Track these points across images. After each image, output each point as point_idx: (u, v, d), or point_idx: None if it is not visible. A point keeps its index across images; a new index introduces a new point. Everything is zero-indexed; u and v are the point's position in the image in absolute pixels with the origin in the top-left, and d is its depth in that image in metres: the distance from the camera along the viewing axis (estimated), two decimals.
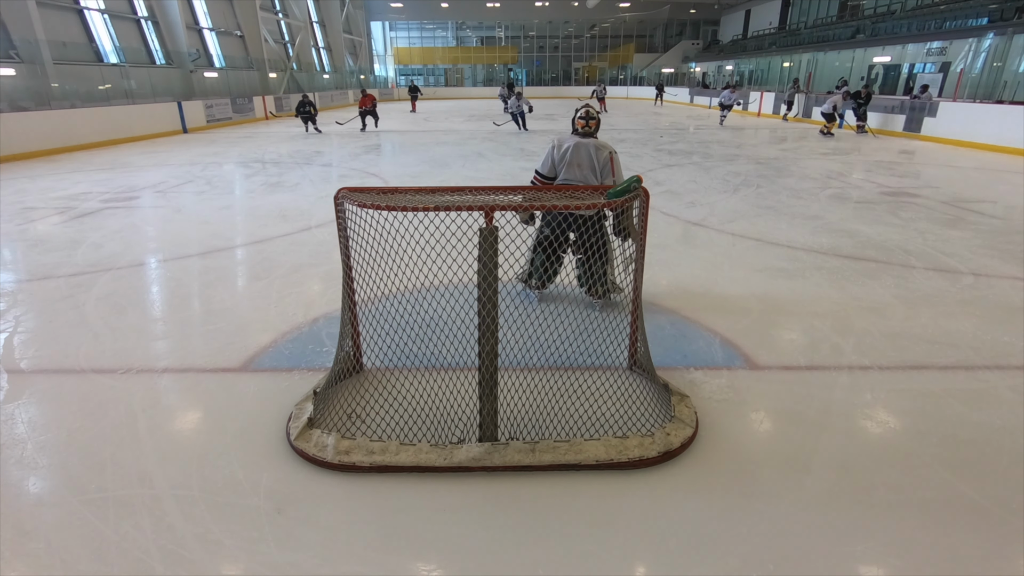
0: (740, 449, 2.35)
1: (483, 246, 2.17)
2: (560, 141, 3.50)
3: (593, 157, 3.42)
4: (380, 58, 42.30)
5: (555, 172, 3.51)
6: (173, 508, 2.02)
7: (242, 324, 3.57)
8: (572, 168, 3.44)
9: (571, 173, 3.45)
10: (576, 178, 3.44)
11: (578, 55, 42.56)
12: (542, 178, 3.56)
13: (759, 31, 33.32)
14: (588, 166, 3.41)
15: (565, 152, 3.45)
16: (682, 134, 14.62)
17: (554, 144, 3.50)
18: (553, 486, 2.14)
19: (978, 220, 5.96)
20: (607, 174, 3.42)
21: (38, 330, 3.50)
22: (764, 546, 1.86)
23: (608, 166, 3.42)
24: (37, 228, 5.87)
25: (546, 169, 3.52)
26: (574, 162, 3.43)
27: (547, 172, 3.52)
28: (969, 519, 1.97)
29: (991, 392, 2.75)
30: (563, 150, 3.46)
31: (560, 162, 3.47)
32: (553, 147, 3.49)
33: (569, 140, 3.49)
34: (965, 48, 16.12)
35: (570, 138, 3.51)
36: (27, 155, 10.74)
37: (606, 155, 3.42)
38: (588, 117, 3.51)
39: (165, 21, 18.20)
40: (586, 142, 3.45)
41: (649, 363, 2.76)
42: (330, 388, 2.69)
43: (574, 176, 3.45)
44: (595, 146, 3.44)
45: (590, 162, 3.41)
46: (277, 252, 5.01)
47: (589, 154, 3.42)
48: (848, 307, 3.73)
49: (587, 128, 3.50)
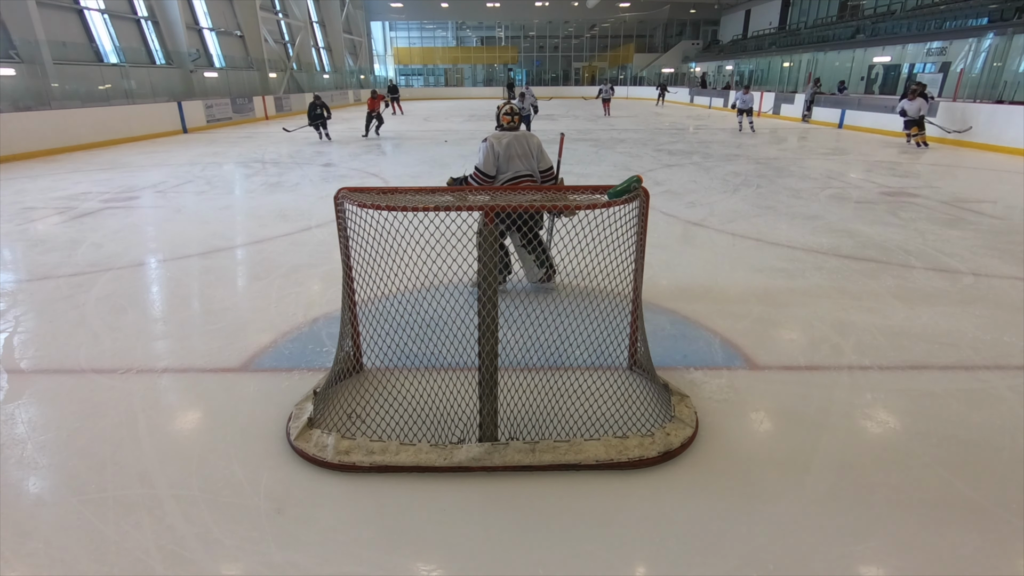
0: (740, 449, 2.35)
1: (483, 246, 2.17)
2: (496, 139, 3.71)
3: (528, 145, 3.74)
4: (380, 58, 42.30)
5: (497, 168, 3.71)
6: (173, 508, 2.02)
7: (242, 324, 3.57)
8: (515, 160, 3.69)
9: (517, 164, 3.70)
10: (524, 168, 3.71)
11: (578, 55, 42.57)
12: (483, 176, 3.71)
13: (759, 31, 33.31)
14: (527, 154, 3.73)
15: (506, 147, 3.68)
16: (682, 134, 14.62)
17: (491, 143, 3.69)
18: (553, 486, 2.14)
19: (978, 220, 5.96)
20: (542, 157, 3.79)
21: (38, 330, 3.50)
22: (764, 546, 1.86)
23: (539, 150, 3.79)
24: (37, 228, 5.87)
25: (488, 167, 3.70)
26: (515, 154, 3.69)
27: (489, 170, 3.70)
28: (969, 519, 1.97)
29: (991, 392, 2.75)
30: (504, 145, 3.68)
31: (504, 158, 3.69)
32: (491, 146, 3.68)
33: (504, 136, 3.72)
34: (965, 48, 16.11)
35: (504, 135, 3.74)
36: (27, 155, 10.74)
37: (536, 141, 3.80)
38: (512, 113, 3.84)
39: (165, 21, 18.20)
40: (517, 135, 3.75)
41: (649, 363, 2.76)
42: (330, 388, 2.69)
43: (521, 167, 3.70)
44: (525, 136, 3.78)
45: (527, 150, 3.73)
46: (277, 252, 5.01)
47: (524, 144, 3.74)
48: (848, 307, 3.73)
49: (512, 123, 3.81)
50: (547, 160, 3.81)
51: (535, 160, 3.76)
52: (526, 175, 3.69)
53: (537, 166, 3.76)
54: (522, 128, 3.90)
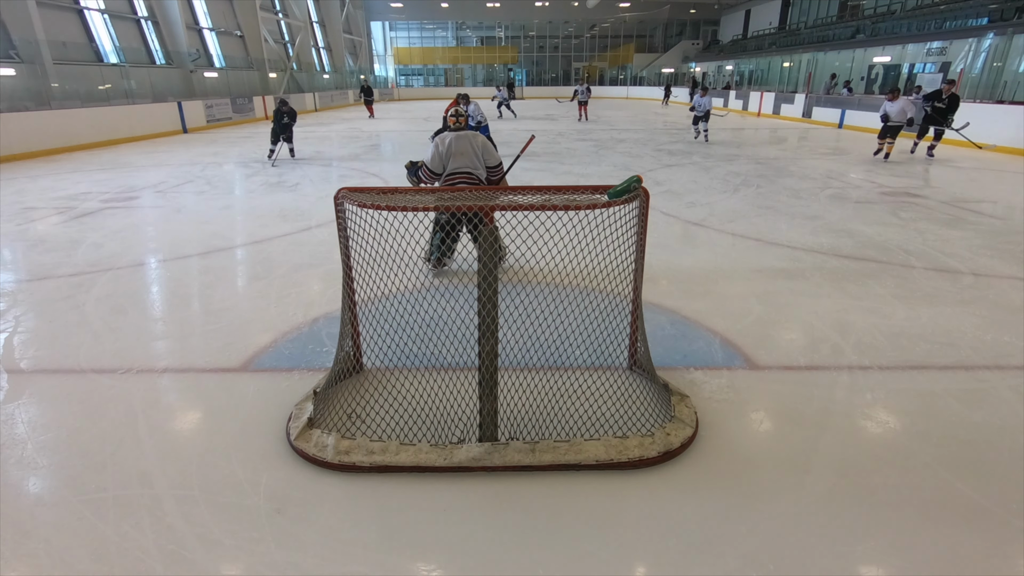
0: (740, 449, 2.35)
1: (483, 246, 2.16)
2: (441, 139, 4.07)
3: (471, 143, 4.07)
4: (380, 58, 42.29)
5: (443, 166, 4.06)
6: (173, 508, 2.02)
7: (242, 324, 3.57)
8: (458, 157, 4.03)
9: (460, 162, 4.04)
10: (465, 165, 4.04)
11: (578, 55, 42.54)
12: (431, 171, 4.09)
13: (759, 31, 33.32)
14: (471, 152, 4.06)
15: (449, 146, 4.03)
16: (682, 134, 14.62)
17: (436, 143, 4.07)
18: (553, 486, 2.14)
19: (978, 220, 5.96)
20: (487, 154, 4.12)
21: (38, 330, 3.50)
22: (764, 546, 1.86)
23: (486, 147, 4.13)
24: (37, 228, 5.87)
25: (435, 164, 4.07)
26: (458, 152, 4.03)
27: (435, 167, 4.07)
28: (969, 519, 1.97)
29: (991, 392, 2.75)
30: (447, 145, 4.03)
31: (446, 155, 4.03)
32: (436, 146, 4.06)
33: (448, 136, 4.07)
34: (965, 48, 16.11)
35: (448, 134, 4.10)
36: (27, 155, 10.74)
37: (480, 140, 4.12)
38: (458, 115, 4.23)
39: (165, 21, 18.20)
40: (460, 135, 4.08)
41: (649, 363, 2.76)
42: (330, 388, 2.69)
43: (462, 164, 4.04)
44: (469, 136, 4.10)
45: (471, 148, 4.06)
46: (277, 252, 5.01)
47: (469, 142, 4.06)
48: (848, 307, 3.73)
49: (458, 124, 4.20)
50: (494, 157, 4.15)
51: (479, 156, 4.08)
52: (465, 172, 4.04)
53: (482, 163, 4.10)
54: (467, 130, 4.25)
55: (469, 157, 4.05)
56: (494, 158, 4.15)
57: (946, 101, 9.63)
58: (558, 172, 9.09)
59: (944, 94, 9.61)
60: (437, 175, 4.09)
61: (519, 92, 32.67)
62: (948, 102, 9.63)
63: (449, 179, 4.04)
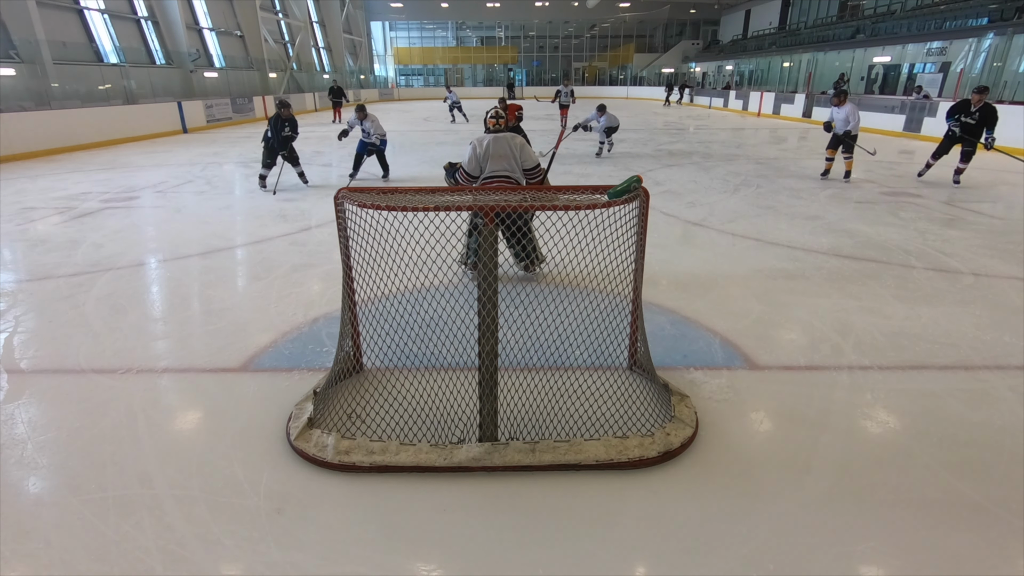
0: (740, 449, 2.35)
1: (483, 246, 2.17)
2: (479, 141, 4.01)
3: (510, 145, 3.99)
4: (380, 58, 42.28)
5: (480, 168, 3.99)
6: (173, 508, 2.02)
7: (242, 324, 3.57)
8: (497, 160, 3.95)
9: (498, 164, 3.96)
10: (503, 168, 3.96)
11: (578, 55, 42.55)
12: (468, 175, 4.03)
13: (759, 31, 33.33)
14: (509, 155, 3.98)
15: (487, 148, 3.96)
16: (682, 134, 14.61)
17: (474, 146, 4.00)
18: (553, 486, 2.14)
19: (978, 220, 5.96)
20: (525, 155, 4.03)
21: (38, 330, 3.50)
22: (764, 546, 1.86)
23: (524, 149, 4.04)
24: (37, 228, 5.87)
25: (472, 167, 3.99)
26: (497, 154, 3.95)
27: (472, 170, 4.00)
28: (969, 519, 1.97)
29: (991, 392, 2.75)
30: (484, 147, 3.96)
31: (484, 158, 3.96)
32: (473, 148, 3.99)
33: (487, 138, 4.02)
34: (965, 48, 16.11)
35: (485, 137, 4.05)
36: (27, 155, 10.74)
37: (519, 141, 4.04)
38: (498, 117, 4.18)
39: (165, 21, 18.20)
40: (498, 136, 4.02)
41: (649, 363, 2.76)
42: (330, 388, 2.69)
43: (501, 167, 3.96)
44: (507, 138, 4.03)
45: (509, 151, 3.98)
46: (277, 252, 5.01)
47: (507, 144, 3.98)
48: (848, 307, 3.73)
49: (498, 126, 4.14)
50: (531, 159, 4.05)
51: (517, 158, 4.00)
52: (503, 174, 3.95)
53: (520, 165, 4.02)
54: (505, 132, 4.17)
55: (507, 160, 3.97)
56: (531, 160, 4.05)
57: (976, 115, 7.42)
58: (558, 172, 9.09)
59: (974, 106, 7.40)
60: (474, 178, 4.02)
61: (519, 92, 32.69)
62: (980, 115, 7.41)
63: (486, 182, 3.94)
